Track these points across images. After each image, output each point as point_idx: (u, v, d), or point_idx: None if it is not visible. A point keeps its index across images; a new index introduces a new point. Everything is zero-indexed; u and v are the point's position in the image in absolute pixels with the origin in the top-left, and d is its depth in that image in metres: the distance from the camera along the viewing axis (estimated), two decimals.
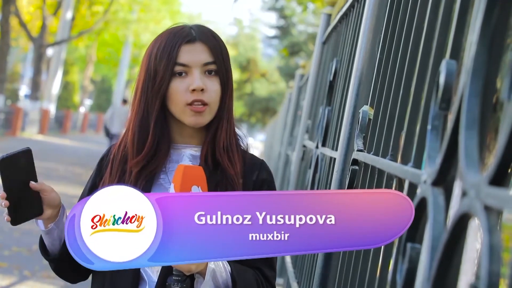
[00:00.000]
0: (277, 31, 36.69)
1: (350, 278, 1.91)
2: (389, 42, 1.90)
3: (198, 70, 1.94)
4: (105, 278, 1.99)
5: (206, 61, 1.95)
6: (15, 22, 29.20)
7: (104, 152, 2.12)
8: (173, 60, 1.93)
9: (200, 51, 1.96)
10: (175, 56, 1.93)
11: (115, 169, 2.02)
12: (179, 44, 1.94)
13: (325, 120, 3.19)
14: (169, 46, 1.94)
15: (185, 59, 1.94)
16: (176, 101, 1.94)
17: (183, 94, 1.93)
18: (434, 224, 1.05)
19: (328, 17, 4.45)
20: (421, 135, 1.38)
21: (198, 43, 1.96)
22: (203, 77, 1.95)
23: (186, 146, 2.04)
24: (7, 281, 6.57)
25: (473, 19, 1.16)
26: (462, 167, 0.90)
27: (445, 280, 0.96)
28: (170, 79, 1.94)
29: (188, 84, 1.93)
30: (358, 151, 1.99)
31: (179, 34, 1.96)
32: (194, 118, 1.94)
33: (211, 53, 1.96)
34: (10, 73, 39.31)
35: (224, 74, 1.99)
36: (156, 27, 40.14)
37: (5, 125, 25.77)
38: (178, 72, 1.94)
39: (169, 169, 2.01)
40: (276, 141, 12.19)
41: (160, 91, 1.94)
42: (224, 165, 1.98)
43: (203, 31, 1.99)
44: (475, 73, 0.93)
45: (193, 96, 1.93)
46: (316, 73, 4.47)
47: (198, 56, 1.95)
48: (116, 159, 2.03)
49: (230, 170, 1.98)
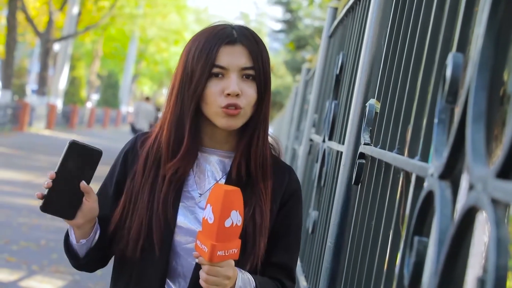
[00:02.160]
0: (284, 25, 36.63)
1: (357, 272, 1.91)
2: (395, 36, 1.90)
3: (235, 74, 1.89)
4: (128, 285, 1.97)
5: (244, 66, 1.90)
6: (22, 17, 29.28)
7: (127, 146, 2.07)
8: (211, 62, 1.88)
9: (239, 54, 1.90)
10: (214, 57, 1.88)
11: (148, 170, 1.98)
12: (218, 44, 1.89)
13: (331, 114, 3.18)
14: (208, 47, 1.89)
15: (224, 61, 1.88)
16: (210, 103, 1.89)
17: (217, 97, 1.88)
18: (441, 218, 1.05)
19: (334, 10, 4.44)
20: (428, 128, 1.38)
21: (239, 46, 1.90)
22: (240, 81, 1.89)
23: (216, 151, 2.00)
24: (15, 276, 6.59)
25: (479, 11, 1.16)
26: (469, 160, 0.89)
27: (452, 273, 0.96)
28: (207, 80, 1.89)
29: (224, 87, 1.88)
30: (365, 144, 1.99)
31: (219, 34, 1.90)
32: (226, 121, 1.89)
33: (250, 57, 1.91)
34: (17, 68, 39.40)
35: (262, 80, 1.93)
36: (162, 21, 40.18)
37: (12, 120, 25.84)
38: (215, 73, 1.89)
39: (198, 173, 1.98)
40: (283, 135, 12.19)
41: (197, 92, 1.89)
42: (257, 178, 1.95)
43: (244, 34, 1.93)
44: (482, 66, 0.93)
45: (228, 100, 1.87)
46: (323, 67, 4.46)
47: (237, 59, 1.89)
48: (150, 159, 1.99)
49: (260, 185, 1.95)
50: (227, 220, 1.71)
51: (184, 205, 1.95)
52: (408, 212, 1.39)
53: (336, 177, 2.62)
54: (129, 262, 1.96)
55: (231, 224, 1.72)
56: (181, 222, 1.93)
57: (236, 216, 1.73)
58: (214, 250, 1.72)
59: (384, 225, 1.68)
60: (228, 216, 1.71)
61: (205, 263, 1.76)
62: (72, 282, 6.57)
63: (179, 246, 1.93)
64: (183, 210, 1.94)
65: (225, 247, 1.73)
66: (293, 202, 2.02)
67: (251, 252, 1.91)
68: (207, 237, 1.74)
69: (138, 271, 1.95)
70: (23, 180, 13.03)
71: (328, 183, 3.01)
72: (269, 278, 1.97)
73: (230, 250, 1.75)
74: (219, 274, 1.77)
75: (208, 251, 1.72)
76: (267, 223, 1.95)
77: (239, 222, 1.74)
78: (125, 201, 1.98)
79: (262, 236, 1.93)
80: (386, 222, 1.66)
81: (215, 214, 1.71)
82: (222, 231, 1.71)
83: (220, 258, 1.74)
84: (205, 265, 1.77)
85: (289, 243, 2.01)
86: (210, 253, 1.72)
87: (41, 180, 12.90)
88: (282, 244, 2.00)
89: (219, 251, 1.73)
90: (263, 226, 1.93)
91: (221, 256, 1.74)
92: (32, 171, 14.32)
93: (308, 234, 3.59)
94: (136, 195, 1.96)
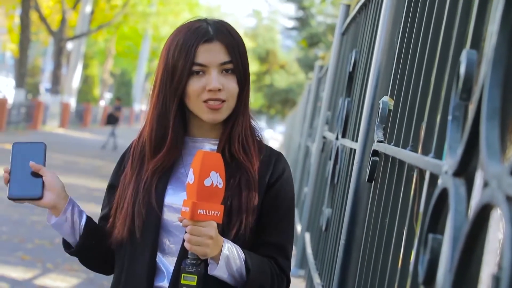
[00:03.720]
0: (296, 22, 36.60)
1: (371, 269, 1.91)
2: (408, 33, 1.90)
3: (215, 70, 1.96)
4: (122, 269, 2.04)
5: (223, 61, 1.97)
6: (35, 16, 29.38)
7: (126, 149, 2.16)
8: (191, 60, 1.95)
9: (217, 51, 1.97)
10: (193, 56, 1.95)
11: (135, 163, 2.06)
12: (196, 43, 1.96)
13: (345, 111, 3.18)
14: (187, 45, 1.96)
15: (203, 59, 1.96)
16: (193, 99, 1.97)
17: (200, 93, 1.96)
18: (455, 215, 1.04)
19: (347, 7, 4.43)
20: (442, 125, 1.37)
21: (216, 43, 1.97)
22: (220, 76, 1.97)
23: (204, 140, 2.06)
24: (30, 274, 6.63)
25: (493, 8, 1.16)
26: (483, 157, 0.89)
27: (467, 271, 0.96)
28: (188, 78, 1.96)
29: (205, 83, 1.95)
30: (378, 142, 1.99)
31: (196, 32, 1.97)
32: (211, 115, 1.97)
33: (228, 52, 1.98)
34: (30, 67, 39.57)
35: (241, 71, 2.00)
36: (175, 19, 40.22)
37: (26, 119, 25.96)
38: (196, 71, 1.96)
39: (188, 162, 2.03)
40: (296, 133, 12.19)
41: (179, 89, 1.97)
42: (240, 158, 2.01)
43: (220, 29, 2.00)
44: (495, 63, 0.93)
45: (210, 95, 1.95)
46: (336, 64, 4.46)
47: (216, 56, 1.97)
48: (136, 153, 2.07)
49: (246, 163, 2.01)
50: (206, 179, 1.80)
51: (173, 187, 2.02)
52: (422, 210, 1.38)
53: (349, 175, 2.62)
54: (122, 248, 2.04)
55: (211, 184, 1.81)
56: (170, 202, 2.00)
57: (216, 178, 1.82)
58: (195, 208, 1.80)
59: (398, 222, 1.67)
60: (208, 176, 1.80)
61: (188, 223, 1.83)
62: (87, 280, 6.60)
63: (170, 225, 1.99)
64: (172, 191, 2.02)
65: (207, 207, 1.81)
66: (281, 184, 2.06)
67: (237, 218, 1.95)
68: (189, 197, 1.83)
69: (129, 255, 2.02)
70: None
71: (341, 180, 3.01)
72: (263, 256, 1.99)
73: (212, 211, 1.82)
74: (201, 233, 1.82)
75: (190, 210, 1.80)
76: (256, 196, 1.99)
77: (219, 184, 1.82)
78: (118, 195, 2.07)
79: (250, 206, 1.98)
80: (400, 220, 1.66)
81: (194, 174, 1.81)
82: (202, 190, 1.80)
83: (202, 217, 1.81)
84: (188, 226, 1.83)
85: (281, 222, 2.05)
86: (191, 211, 1.80)
87: None
88: (274, 224, 2.03)
89: (200, 209, 1.80)
90: (250, 196, 1.98)
91: (203, 215, 1.81)
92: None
93: (321, 231, 3.59)
94: (126, 188, 2.05)
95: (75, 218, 2.05)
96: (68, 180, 13.46)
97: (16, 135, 22.41)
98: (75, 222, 2.05)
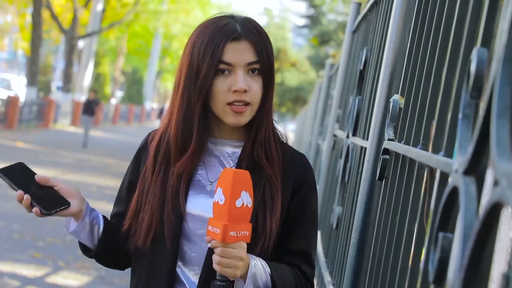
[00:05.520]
0: (307, 20, 36.59)
1: (382, 268, 1.90)
2: (419, 31, 1.89)
3: (241, 70, 1.89)
4: (140, 277, 2.00)
5: (250, 61, 1.90)
6: (47, 14, 29.50)
7: (141, 144, 2.10)
8: (217, 59, 1.87)
9: (245, 50, 1.90)
10: (219, 54, 1.87)
11: (158, 166, 2.00)
12: (224, 41, 1.88)
13: (355, 110, 3.18)
14: (213, 43, 1.88)
15: (230, 58, 1.88)
16: (218, 100, 1.90)
17: (225, 94, 1.89)
18: (466, 213, 1.04)
19: (358, 5, 4.43)
20: (452, 124, 1.37)
21: (244, 41, 1.90)
22: (246, 76, 1.89)
23: (226, 142, 2.01)
24: (41, 272, 6.66)
25: (504, 6, 1.15)
26: (494, 156, 0.89)
27: (477, 269, 0.96)
28: (213, 77, 1.89)
29: (231, 83, 1.88)
30: (389, 140, 1.99)
31: (224, 30, 1.90)
32: (234, 118, 1.91)
33: (255, 52, 1.91)
34: (42, 65, 39.67)
35: (267, 72, 1.93)
36: (186, 18, 40.27)
37: (38, 117, 26.07)
38: (221, 69, 1.89)
39: (208, 163, 2.00)
40: (307, 131, 12.18)
41: (204, 89, 1.89)
42: (262, 164, 1.96)
43: (248, 27, 1.92)
44: (506, 61, 0.92)
45: (235, 96, 1.88)
46: (346, 62, 4.45)
47: (243, 55, 1.89)
48: (160, 154, 2.01)
49: (268, 170, 1.96)
50: (237, 200, 1.75)
51: (194, 193, 1.97)
52: (433, 208, 1.38)
53: (360, 173, 2.62)
54: (142, 254, 1.99)
55: (241, 204, 1.75)
56: (192, 210, 1.95)
57: (246, 197, 1.76)
58: (227, 230, 1.74)
59: (408, 221, 1.67)
60: (239, 196, 1.75)
61: (218, 245, 1.78)
62: (98, 278, 6.62)
63: (192, 233, 1.94)
64: (193, 198, 1.96)
65: (237, 228, 1.76)
66: (306, 188, 2.02)
67: (262, 233, 1.91)
68: (219, 218, 1.76)
69: (149, 262, 1.98)
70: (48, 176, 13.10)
71: (352, 178, 3.01)
72: (287, 265, 1.97)
73: (242, 232, 1.77)
74: (232, 255, 1.78)
75: (221, 232, 1.75)
76: (279, 206, 1.95)
77: (249, 203, 1.77)
78: (138, 195, 2.01)
79: (273, 218, 1.93)
80: (411, 218, 1.66)
81: (225, 195, 1.74)
82: (234, 211, 1.74)
83: (233, 239, 1.76)
84: (218, 248, 1.78)
85: (305, 229, 2.00)
86: (222, 234, 1.75)
87: (67, 177, 13.02)
88: (298, 230, 1.99)
89: (231, 232, 1.75)
90: (273, 208, 1.94)
91: (234, 237, 1.76)
92: (57, 167, 14.43)
93: (332, 229, 3.59)
94: (147, 190, 1.99)
95: (93, 223, 2.01)
96: (79, 178, 13.52)
97: (28, 133, 22.49)
98: (93, 227, 2.01)
